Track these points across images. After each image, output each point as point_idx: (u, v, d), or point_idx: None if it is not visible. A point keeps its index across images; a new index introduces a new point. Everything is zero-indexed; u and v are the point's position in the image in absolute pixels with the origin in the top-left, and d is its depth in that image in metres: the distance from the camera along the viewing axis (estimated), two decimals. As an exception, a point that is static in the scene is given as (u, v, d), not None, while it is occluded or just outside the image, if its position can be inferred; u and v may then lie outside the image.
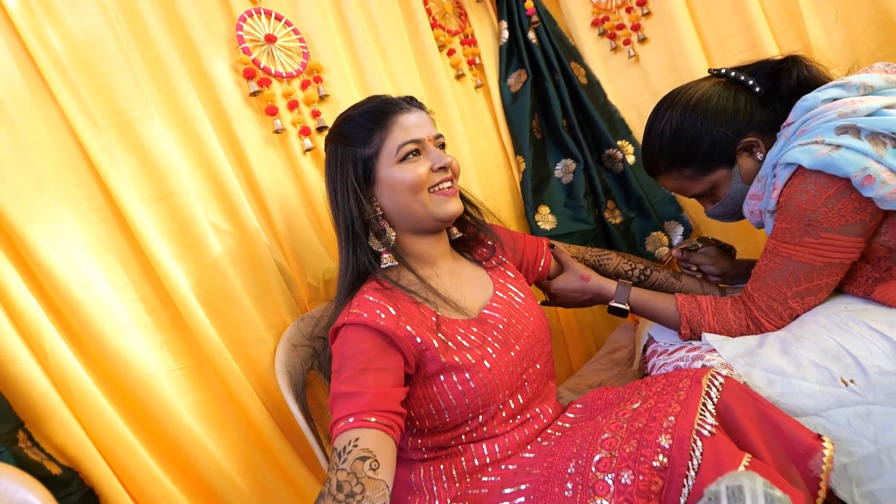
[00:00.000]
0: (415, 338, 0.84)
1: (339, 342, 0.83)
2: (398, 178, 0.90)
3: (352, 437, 0.74)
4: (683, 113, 1.00)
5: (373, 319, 0.81)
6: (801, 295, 0.90)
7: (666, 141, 1.02)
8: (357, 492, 0.69)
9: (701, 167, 1.02)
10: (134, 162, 0.96)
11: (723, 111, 0.98)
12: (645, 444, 0.71)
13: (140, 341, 0.89)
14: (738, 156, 0.99)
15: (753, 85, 0.99)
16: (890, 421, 0.77)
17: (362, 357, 0.80)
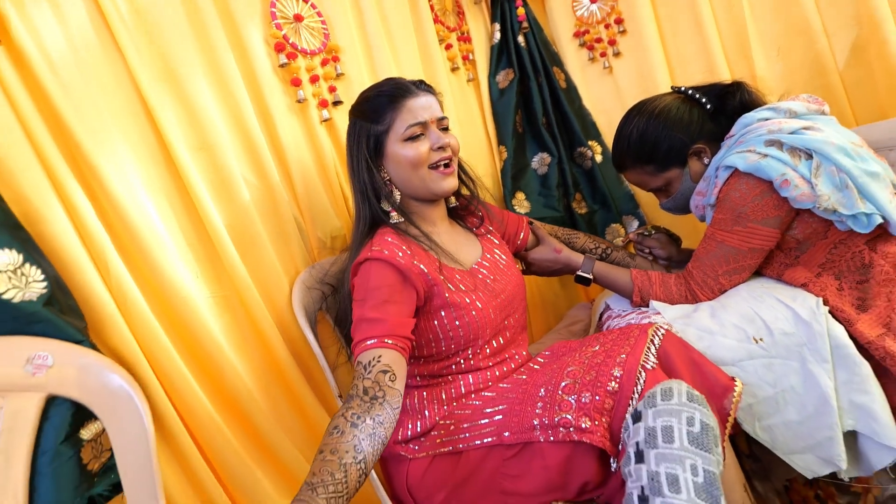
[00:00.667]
0: (426, 275, 1.01)
1: (363, 275, 0.99)
2: (402, 154, 1.07)
3: (375, 354, 0.90)
4: (648, 120, 1.22)
5: (392, 256, 0.98)
6: (729, 273, 1.12)
7: (633, 142, 1.24)
8: (379, 396, 0.85)
9: (659, 166, 1.24)
10: (182, 113, 1.09)
11: (680, 121, 1.20)
12: (601, 374, 0.90)
13: (182, 269, 1.03)
14: (690, 159, 1.21)
15: (706, 102, 1.21)
16: (786, 371, 1.00)
17: (384, 290, 0.96)
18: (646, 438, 0.76)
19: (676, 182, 1.25)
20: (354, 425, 0.79)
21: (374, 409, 0.82)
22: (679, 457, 0.73)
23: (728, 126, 1.18)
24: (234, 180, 1.13)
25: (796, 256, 1.11)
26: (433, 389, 1.08)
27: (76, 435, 0.78)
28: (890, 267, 1.04)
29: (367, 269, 0.99)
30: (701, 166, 1.22)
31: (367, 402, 0.84)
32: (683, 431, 0.75)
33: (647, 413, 0.79)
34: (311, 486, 0.70)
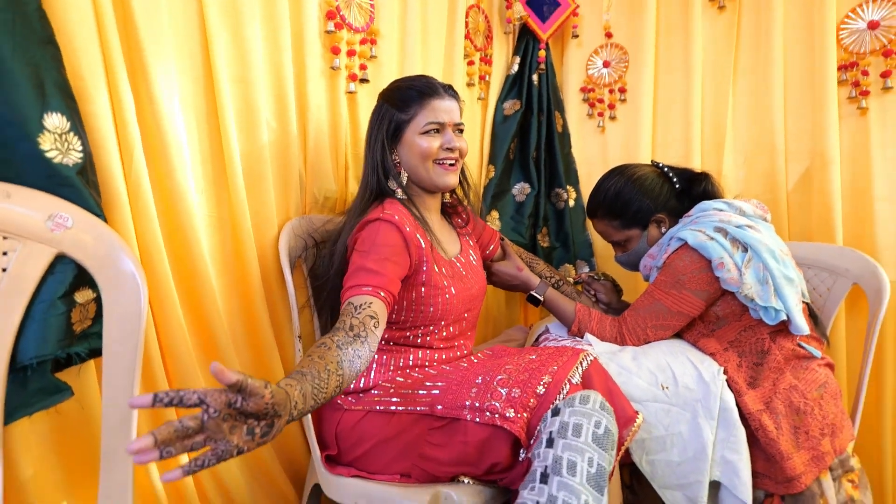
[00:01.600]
0: (422, 249, 1.13)
1: (371, 231, 1.10)
2: (416, 143, 1.19)
3: (367, 300, 0.99)
4: (626, 182, 1.41)
5: (402, 223, 1.10)
6: (656, 327, 1.30)
7: (608, 196, 1.43)
8: (363, 335, 0.92)
9: (624, 223, 1.42)
10: (231, 46, 1.19)
11: (651, 191, 1.39)
12: (533, 377, 1.04)
13: (191, 183, 1.11)
14: (651, 224, 1.40)
15: (676, 182, 1.40)
16: (679, 418, 1.17)
17: (388, 249, 1.07)
18: (559, 429, 0.91)
19: (635, 241, 1.43)
20: (339, 347, 0.86)
21: (355, 344, 0.89)
22: (582, 449, 0.87)
23: (688, 206, 1.38)
24: (258, 119, 1.22)
25: (712, 329, 1.30)
26: (384, 354, 1.19)
27: (72, 295, 0.85)
28: (782, 358, 1.24)
29: (377, 227, 1.10)
30: (657, 233, 1.40)
31: (351, 337, 0.90)
32: (590, 431, 0.90)
33: (565, 410, 0.94)
34: (301, 373, 0.76)
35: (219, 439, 0.61)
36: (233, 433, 0.62)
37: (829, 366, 1.29)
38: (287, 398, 0.68)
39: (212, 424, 0.60)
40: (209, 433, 0.61)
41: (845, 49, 1.61)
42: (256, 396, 0.62)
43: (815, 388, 1.21)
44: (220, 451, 0.61)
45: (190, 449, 0.59)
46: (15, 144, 0.81)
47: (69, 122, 0.86)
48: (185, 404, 0.58)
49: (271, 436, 0.66)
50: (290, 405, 0.68)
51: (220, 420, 0.60)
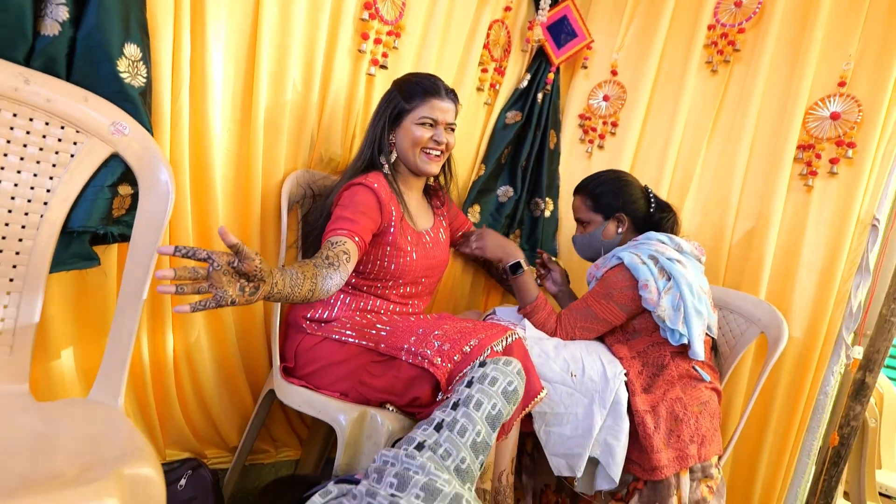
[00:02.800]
0: (392, 214, 1.40)
1: (353, 191, 1.37)
2: (411, 131, 1.46)
3: (343, 239, 1.27)
4: (615, 178, 1.71)
5: (380, 189, 1.37)
6: (584, 329, 1.57)
7: (596, 180, 1.72)
8: (335, 265, 1.18)
9: (594, 206, 1.70)
10: (277, 14, 1.44)
11: (628, 195, 1.68)
12: (463, 338, 1.30)
13: (219, 120, 1.37)
14: (611, 219, 1.68)
15: (652, 203, 1.68)
16: (578, 402, 1.44)
17: (364, 206, 1.35)
18: (479, 377, 1.17)
19: (594, 226, 1.71)
20: (316, 266, 1.11)
21: (330, 270, 1.14)
22: (491, 395, 1.14)
23: (648, 226, 1.66)
24: (286, 80, 1.49)
25: (627, 339, 1.57)
26: (348, 296, 1.46)
27: (117, 187, 1.11)
28: (676, 374, 1.50)
29: (358, 189, 1.37)
30: (613, 230, 1.68)
31: (327, 264, 1.15)
32: (503, 385, 1.16)
33: (490, 365, 1.20)
34: (282, 270, 0.98)
35: (219, 288, 0.84)
36: (229, 286, 0.85)
37: (715, 391, 1.55)
38: (271, 273, 0.91)
39: (215, 276, 0.83)
40: (212, 281, 0.83)
41: (808, 131, 1.86)
42: (249, 259, 0.85)
43: (697, 404, 1.48)
44: (218, 297, 0.84)
45: (198, 292, 0.83)
46: (99, 63, 1.07)
47: (141, 52, 1.12)
48: (196, 257, 0.81)
49: (256, 297, 0.89)
50: (272, 280, 0.91)
51: (222, 274, 0.84)
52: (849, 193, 1.78)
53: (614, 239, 1.68)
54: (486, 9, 2.01)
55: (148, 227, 1.09)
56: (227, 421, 1.55)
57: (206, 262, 0.83)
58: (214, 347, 1.49)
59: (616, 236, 1.68)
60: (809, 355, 1.78)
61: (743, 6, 2.00)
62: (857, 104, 1.79)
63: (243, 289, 0.87)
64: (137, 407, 1.34)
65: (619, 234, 1.68)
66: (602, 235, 1.69)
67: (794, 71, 1.88)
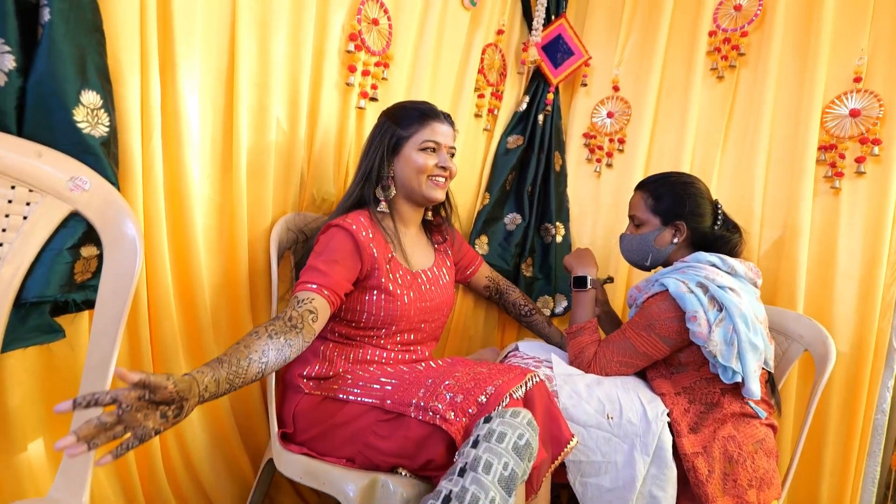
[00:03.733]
0: (374, 258, 1.25)
1: (328, 235, 1.23)
2: (414, 158, 1.32)
3: (310, 296, 1.13)
4: (687, 183, 1.51)
5: (357, 231, 1.23)
6: (621, 364, 1.40)
7: (664, 180, 1.53)
8: (299, 327, 1.06)
9: (655, 207, 1.50)
10: (255, 51, 1.33)
11: (696, 205, 1.48)
12: (478, 386, 1.14)
13: (197, 167, 1.24)
14: (669, 225, 1.49)
15: (718, 220, 1.50)
16: (617, 448, 1.26)
17: (339, 252, 1.20)
18: (486, 434, 1.01)
19: (648, 228, 1.50)
20: (270, 337, 0.99)
21: (290, 334, 1.02)
22: (500, 453, 0.97)
23: (706, 243, 1.47)
24: (269, 119, 1.36)
25: (672, 373, 1.39)
26: (345, 348, 1.30)
27: (78, 249, 0.97)
28: (728, 414, 1.32)
29: (334, 232, 1.23)
30: (668, 238, 1.48)
31: (288, 327, 1.04)
32: (512, 440, 0.99)
33: (496, 419, 1.04)
34: (219, 361, 0.88)
35: (136, 426, 0.73)
36: (147, 419, 0.74)
37: (771, 426, 1.37)
38: (192, 385, 0.79)
39: (127, 417, 0.71)
40: (126, 423, 0.72)
41: (827, 131, 1.72)
42: (161, 389, 0.74)
43: (752, 442, 1.30)
44: (139, 435, 0.73)
45: (114, 437, 0.71)
46: (53, 112, 0.95)
47: (102, 100, 1.00)
48: (100, 403, 0.70)
49: (183, 416, 0.78)
50: (198, 389, 0.80)
51: (134, 412, 0.72)
52: (880, 192, 1.62)
53: (666, 248, 1.49)
54: (478, 33, 1.90)
55: (115, 290, 0.95)
56: (225, 496, 1.38)
57: (113, 405, 0.72)
58: (206, 416, 1.33)
59: (669, 246, 1.49)
60: (860, 371, 1.59)
61: (743, 10, 1.88)
62: (877, 99, 1.65)
63: (165, 415, 0.76)
64: (121, 489, 1.18)
65: (674, 244, 1.48)
66: (654, 241, 1.49)
67: (804, 70, 1.74)
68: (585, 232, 2.13)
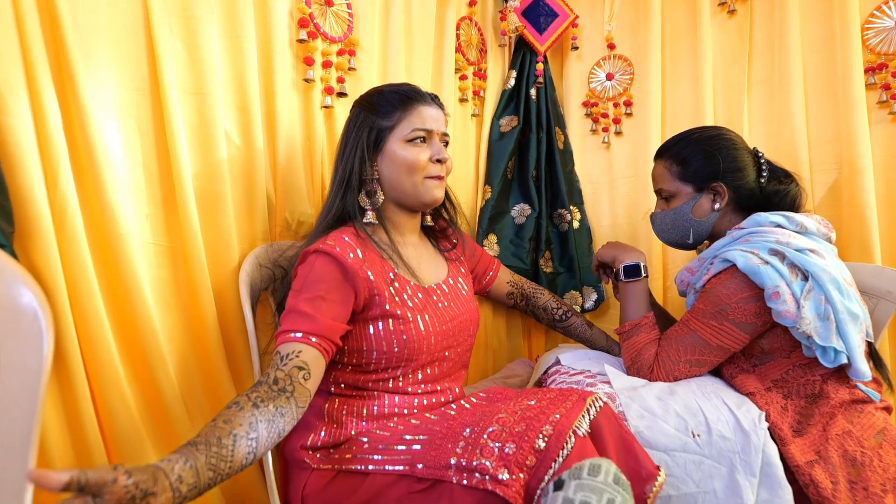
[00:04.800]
0: (371, 282, 0.96)
1: (307, 265, 0.95)
2: (402, 155, 1.04)
3: (296, 348, 0.86)
4: (712, 137, 1.22)
5: (343, 255, 0.94)
6: (691, 363, 1.11)
7: (685, 140, 1.23)
8: (288, 390, 0.81)
9: (682, 172, 1.22)
10: (183, 53, 1.04)
11: (731, 159, 1.19)
12: (531, 428, 0.86)
13: (131, 204, 0.96)
14: (705, 191, 1.20)
15: (763, 169, 1.21)
16: (713, 473, 0.98)
17: (323, 285, 0.92)
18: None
19: (681, 199, 1.22)
20: (256, 406, 0.76)
21: (279, 400, 0.79)
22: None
23: (756, 205, 1.18)
24: (215, 134, 1.07)
25: (754, 365, 1.11)
26: (355, 401, 1.01)
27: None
28: (836, 404, 1.05)
29: (314, 260, 0.95)
30: (708, 205, 1.20)
31: (275, 392, 0.81)
32: (601, 507, 0.71)
33: (570, 484, 0.75)
34: (193, 444, 0.66)
35: None
36: None
37: (886, 409, 1.09)
38: (158, 476, 0.60)
39: None
40: None
41: (871, 50, 1.45)
42: (107, 486, 0.54)
43: (873, 435, 1.02)
44: None
45: None
46: None
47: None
48: None
49: None
50: (168, 482, 0.61)
51: None
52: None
53: (709, 218, 1.21)
54: (449, 7, 1.62)
55: (17, 390, 0.66)
56: None
57: None
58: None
59: (711, 215, 1.20)
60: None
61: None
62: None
63: None
64: None
65: (716, 211, 1.20)
66: (692, 212, 1.21)
67: (831, -15, 1.48)
68: (603, 212, 1.85)
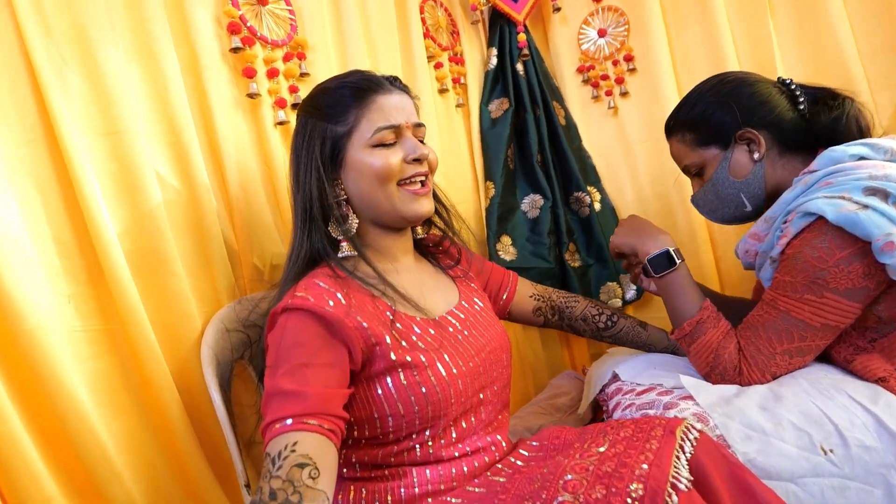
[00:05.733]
0: (365, 330, 0.73)
1: (277, 330, 0.71)
2: (367, 163, 0.81)
3: (289, 440, 0.62)
4: (717, 84, 0.99)
5: (319, 305, 0.71)
6: (790, 353, 0.86)
7: (689, 102, 1.01)
8: (294, 502, 0.56)
9: (700, 138, 0.99)
10: (84, 86, 0.82)
11: (750, 97, 0.95)
12: (615, 492, 0.62)
13: (43, 288, 0.73)
14: (736, 143, 0.96)
15: (798, 100, 0.95)
16: (865, 499, 0.72)
17: (304, 349, 0.69)
18: None
19: (711, 167, 0.99)
20: None
21: None
22: None
23: (803, 143, 0.94)
24: (143, 178, 0.84)
25: (872, 339, 0.85)
26: (375, 485, 0.77)
27: None
28: None
29: (284, 322, 0.71)
30: (745, 160, 0.96)
31: None
32: None
33: None
34: None
35: None
36: None
37: None
38: None
39: None
40: None
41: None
42: None
43: None
44: None
45: None
46: None
47: None
48: None
49: None
50: None
51: None
52: None
53: (754, 173, 0.96)
54: (407, -12, 1.39)
55: None
56: None
57: None
58: None
59: (755, 167, 0.95)
60: None
61: None
62: None
63: None
64: None
65: (758, 161, 0.95)
66: (730, 174, 0.97)
67: None
68: (625, 187, 1.60)
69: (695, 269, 1.19)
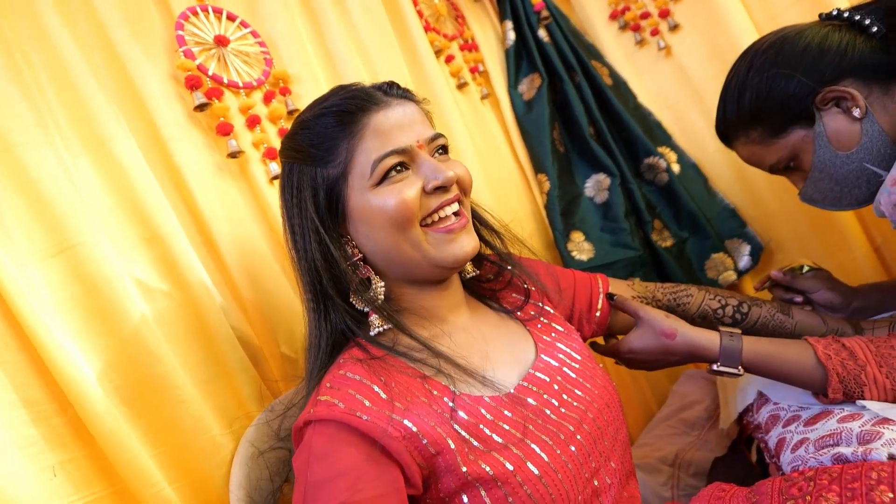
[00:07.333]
0: (419, 438, 0.52)
1: (302, 452, 0.53)
2: (375, 207, 0.60)
3: None
4: (754, 58, 0.75)
5: (351, 410, 0.50)
6: None
7: (732, 97, 0.77)
8: None
9: (772, 127, 0.75)
10: (16, 202, 0.65)
11: (804, 53, 0.72)
12: None
13: (19, 465, 0.57)
14: (821, 111, 0.71)
15: (870, 24, 0.70)
16: None
17: (340, 483, 0.48)
18: None
19: (805, 151, 0.74)
20: None
21: None
22: None
23: None
24: (117, 294, 0.67)
25: None
26: None
27: None
28: None
29: (310, 442, 0.51)
30: (847, 123, 0.71)
31: None
32: None
33: None
34: None
35: None
36: None
37: None
38: None
39: None
40: None
41: None
42: None
43: None
44: None
45: None
46: None
47: None
48: None
49: None
50: None
51: None
52: None
53: (866, 130, 0.69)
54: (393, -17, 1.18)
55: None
56: None
57: None
58: None
59: (863, 124, 0.69)
60: None
61: None
62: None
63: None
64: None
65: (860, 118, 0.69)
66: (836, 147, 0.71)
67: None
68: (702, 136, 1.30)
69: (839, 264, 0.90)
